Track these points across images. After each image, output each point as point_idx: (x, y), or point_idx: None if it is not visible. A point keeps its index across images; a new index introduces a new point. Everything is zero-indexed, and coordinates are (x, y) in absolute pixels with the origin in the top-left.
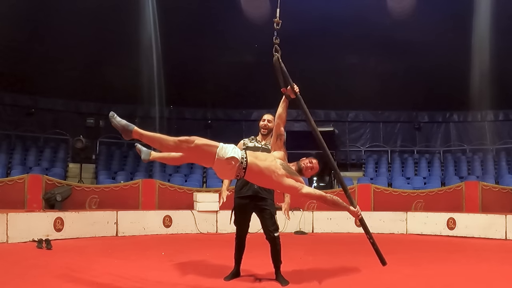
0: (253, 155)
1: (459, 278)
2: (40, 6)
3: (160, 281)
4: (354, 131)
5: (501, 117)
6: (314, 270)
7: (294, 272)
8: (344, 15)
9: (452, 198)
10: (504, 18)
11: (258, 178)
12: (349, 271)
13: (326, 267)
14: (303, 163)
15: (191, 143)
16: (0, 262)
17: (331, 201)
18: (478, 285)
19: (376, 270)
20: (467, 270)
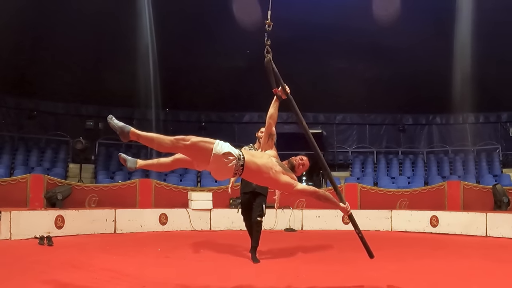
0: (250, 153)
1: (442, 273)
2: (42, 13)
3: (156, 276)
4: (341, 133)
5: (482, 119)
6: (303, 265)
7: (284, 267)
8: (332, 22)
9: (435, 197)
10: (484, 25)
11: (256, 176)
12: (336, 266)
13: (314, 262)
14: (294, 161)
15: (187, 140)
16: (4, 258)
17: (323, 197)
18: (460, 280)
19: (362, 266)
20: (450, 266)
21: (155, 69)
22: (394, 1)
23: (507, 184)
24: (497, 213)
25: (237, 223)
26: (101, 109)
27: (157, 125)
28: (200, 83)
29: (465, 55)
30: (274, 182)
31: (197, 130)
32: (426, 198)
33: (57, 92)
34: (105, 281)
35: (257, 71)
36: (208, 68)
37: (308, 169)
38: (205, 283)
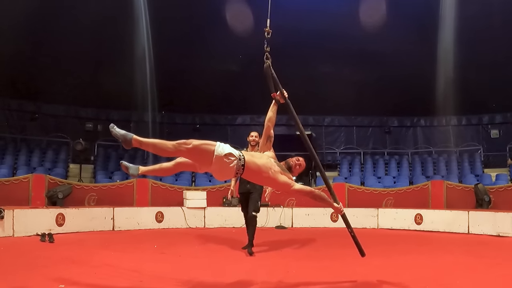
0: (250, 154)
1: (426, 268)
2: (43, 20)
3: (153, 271)
4: (330, 135)
5: (464, 121)
6: (293, 261)
7: (274, 263)
8: (321, 29)
9: (419, 195)
10: (466, 32)
11: (256, 175)
12: (325, 262)
13: (303, 259)
14: (291, 161)
15: (189, 144)
16: (8, 254)
17: (319, 197)
18: (444, 274)
19: (350, 262)
20: (433, 261)
21: (152, 73)
22: (379, 9)
23: (488, 184)
24: (478, 211)
25: (230, 221)
26: (100, 111)
27: (154, 127)
28: (194, 87)
29: (448, 60)
30: (273, 181)
31: (192, 132)
32: (411, 197)
33: (57, 95)
34: (104, 276)
35: (249, 75)
36: (202, 72)
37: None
38: (200, 277)
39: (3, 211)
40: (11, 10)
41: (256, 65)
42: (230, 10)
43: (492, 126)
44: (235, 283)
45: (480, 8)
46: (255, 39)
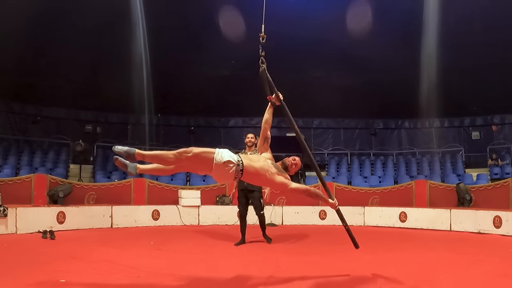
0: (247, 158)
1: (410, 264)
2: (44, 27)
3: (149, 267)
4: (318, 136)
5: (446, 124)
6: (283, 257)
7: (266, 259)
8: (311, 36)
9: (403, 194)
10: (449, 38)
11: (254, 178)
12: (314, 257)
13: (293, 254)
14: (287, 161)
15: (189, 153)
16: (11, 250)
17: (314, 194)
18: (427, 270)
19: (338, 257)
20: (417, 257)
21: (148, 78)
22: (366, 16)
23: (470, 183)
24: (460, 210)
25: (223, 219)
26: (99, 114)
27: (150, 129)
28: (189, 91)
29: (431, 65)
30: (271, 182)
31: (187, 134)
32: (396, 196)
33: (58, 99)
34: (103, 271)
35: (241, 79)
36: (197, 77)
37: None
38: (194, 272)
39: (6, 209)
40: (14, 18)
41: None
42: (223, 18)
43: (473, 128)
44: (228, 277)
45: (462, 15)
46: (247, 45)
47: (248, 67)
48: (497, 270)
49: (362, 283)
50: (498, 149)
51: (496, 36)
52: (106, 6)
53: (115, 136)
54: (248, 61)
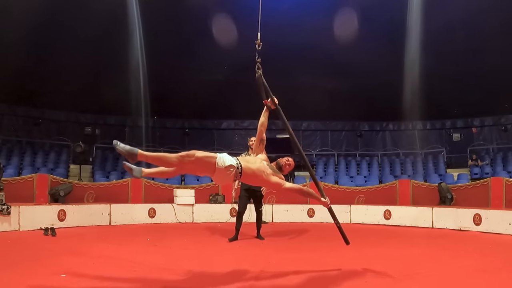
0: (245, 160)
1: (394, 260)
2: (46, 35)
3: (146, 262)
4: (307, 138)
5: (428, 126)
6: (273, 253)
7: (257, 255)
8: (300, 42)
9: (388, 193)
10: (431, 45)
11: (252, 179)
12: (303, 253)
13: (283, 250)
14: (282, 162)
15: (192, 156)
16: (14, 247)
17: (307, 192)
18: (410, 265)
19: (325, 253)
20: (401, 253)
21: (145, 82)
22: (352, 24)
23: (451, 183)
24: (442, 208)
25: (216, 216)
26: (98, 117)
27: (147, 131)
28: (183, 94)
29: (414, 70)
30: (267, 182)
31: (181, 136)
32: (380, 195)
33: (59, 102)
34: (102, 266)
35: (233, 84)
36: (191, 81)
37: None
38: (189, 267)
39: (10, 207)
40: (18, 28)
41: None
42: (216, 25)
43: (454, 130)
44: (221, 272)
45: (443, 24)
46: (239, 51)
47: (240, 72)
48: (477, 266)
49: (349, 278)
50: (477, 150)
51: (476, 43)
52: (104, 15)
53: (113, 137)
54: (240, 66)
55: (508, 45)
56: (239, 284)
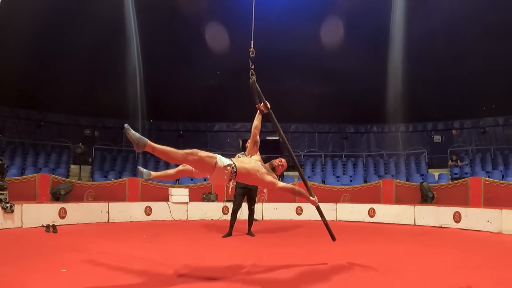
0: (239, 161)
1: (378, 255)
2: (48, 42)
3: (142, 257)
4: (295, 140)
5: (411, 128)
6: (264, 249)
7: (248, 250)
8: (289, 48)
9: (372, 192)
10: (413, 51)
11: (246, 178)
12: (291, 249)
13: (272, 246)
14: (275, 163)
15: (195, 155)
16: (17, 243)
17: (298, 192)
18: (394, 260)
19: (313, 249)
20: (385, 249)
21: (141, 87)
22: (339, 31)
23: (432, 182)
24: (423, 206)
25: (209, 214)
26: (97, 120)
27: (143, 133)
28: (178, 98)
29: (397, 75)
30: (261, 181)
31: (176, 138)
32: (365, 194)
33: (60, 105)
34: (100, 262)
35: (225, 88)
36: (185, 86)
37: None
38: (183, 262)
39: (13, 205)
40: (21, 35)
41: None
42: (209, 33)
43: (435, 132)
44: (214, 266)
45: (425, 31)
46: (231, 57)
47: (231, 77)
48: (457, 261)
49: (335, 272)
50: (457, 151)
51: (456, 50)
52: (103, 24)
53: (111, 139)
54: (232, 72)
55: (487, 51)
56: (232, 278)
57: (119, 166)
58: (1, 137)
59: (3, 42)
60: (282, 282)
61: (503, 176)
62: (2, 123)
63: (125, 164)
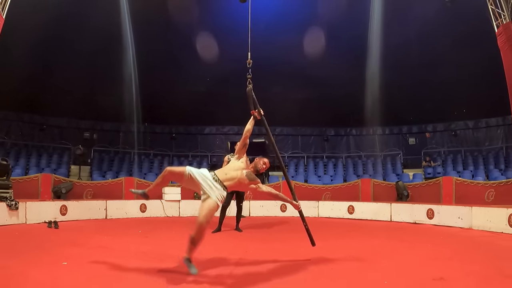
0: (223, 172)
1: (357, 249)
2: (50, 50)
3: (138, 251)
4: (279, 142)
5: (387, 131)
6: (250, 244)
7: (235, 245)
8: (274, 57)
9: (351, 191)
10: (389, 59)
11: (234, 188)
12: (276, 244)
13: (258, 241)
14: (259, 165)
15: (166, 171)
16: (21, 238)
17: (281, 198)
18: (371, 254)
19: (296, 244)
20: (363, 243)
21: (137, 93)
22: (320, 41)
23: (407, 181)
24: (399, 203)
25: None
26: (96, 123)
27: (138, 136)
28: (171, 103)
29: (374, 81)
30: (245, 187)
31: (169, 140)
32: (345, 192)
33: (61, 110)
34: (99, 255)
35: (215, 94)
36: (177, 92)
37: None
38: (176, 255)
39: (17, 203)
40: (24, 44)
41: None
42: (200, 43)
43: (410, 135)
44: (204, 259)
45: (401, 41)
46: (220, 65)
47: (220, 84)
48: (430, 254)
49: (317, 265)
50: (431, 153)
51: (429, 58)
52: (101, 34)
53: (109, 141)
54: (220, 79)
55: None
56: (221, 270)
57: (116, 166)
58: (7, 140)
59: (9, 51)
60: (267, 274)
61: (473, 176)
62: (7, 126)
63: (122, 164)
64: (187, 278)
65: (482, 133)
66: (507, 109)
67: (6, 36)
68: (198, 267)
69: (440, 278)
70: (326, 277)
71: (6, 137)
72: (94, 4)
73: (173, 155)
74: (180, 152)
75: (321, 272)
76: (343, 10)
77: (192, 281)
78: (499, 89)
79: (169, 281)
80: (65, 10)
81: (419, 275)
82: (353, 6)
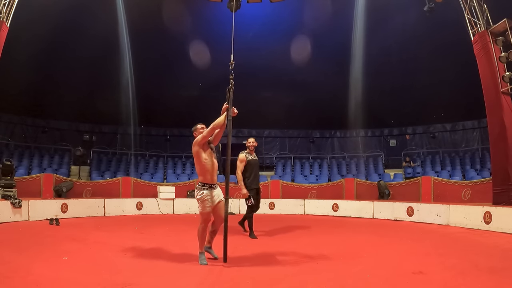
0: None
1: (341, 244)
2: (51, 56)
3: (134, 246)
4: (268, 143)
5: (369, 134)
6: (239, 239)
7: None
8: (262, 63)
9: (336, 189)
10: (371, 66)
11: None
12: (264, 239)
13: (247, 237)
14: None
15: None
16: (24, 234)
17: (216, 125)
18: (355, 249)
19: (283, 239)
20: (347, 239)
21: (133, 97)
22: (306, 49)
23: (388, 181)
24: (380, 202)
25: (193, 209)
26: (94, 126)
27: (135, 137)
28: (165, 107)
29: (357, 87)
30: (197, 151)
31: (164, 142)
32: (329, 191)
33: (62, 113)
34: (98, 250)
35: (207, 98)
36: (172, 96)
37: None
38: (170, 250)
39: (21, 201)
40: (27, 51)
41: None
42: (192, 50)
43: (391, 137)
44: (196, 254)
45: (382, 50)
46: (212, 71)
47: (212, 88)
48: (410, 250)
49: (303, 259)
50: (410, 154)
51: (408, 65)
52: (100, 41)
53: (107, 143)
54: (212, 84)
55: (435, 66)
56: (211, 263)
57: (114, 166)
58: (11, 141)
59: (13, 57)
60: (256, 268)
61: (450, 176)
62: (11, 129)
63: (119, 165)
64: (180, 271)
65: (459, 135)
66: (483, 112)
67: (10, 44)
68: (192, 260)
69: (419, 272)
70: (311, 270)
71: (10, 139)
72: (93, 14)
73: (167, 156)
74: (174, 153)
75: (308, 266)
76: (328, 19)
77: (183, 271)
78: (475, 93)
79: (163, 272)
80: (66, 20)
81: (400, 268)
82: (337, 16)
